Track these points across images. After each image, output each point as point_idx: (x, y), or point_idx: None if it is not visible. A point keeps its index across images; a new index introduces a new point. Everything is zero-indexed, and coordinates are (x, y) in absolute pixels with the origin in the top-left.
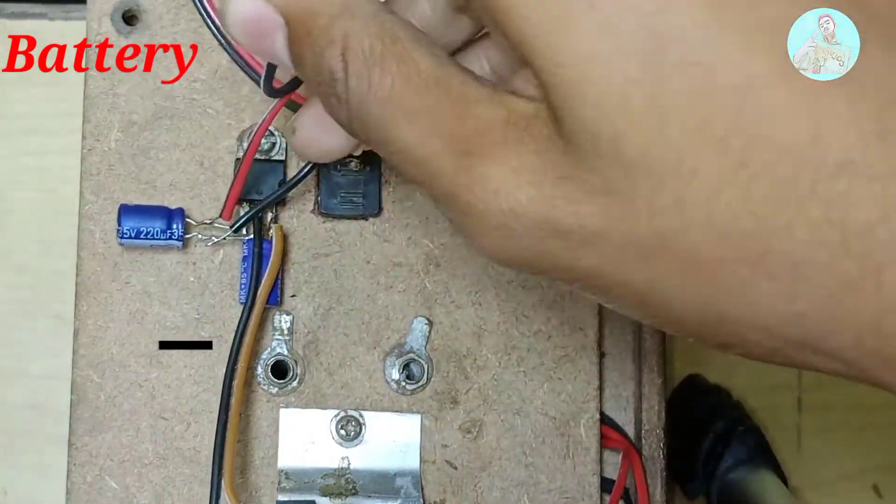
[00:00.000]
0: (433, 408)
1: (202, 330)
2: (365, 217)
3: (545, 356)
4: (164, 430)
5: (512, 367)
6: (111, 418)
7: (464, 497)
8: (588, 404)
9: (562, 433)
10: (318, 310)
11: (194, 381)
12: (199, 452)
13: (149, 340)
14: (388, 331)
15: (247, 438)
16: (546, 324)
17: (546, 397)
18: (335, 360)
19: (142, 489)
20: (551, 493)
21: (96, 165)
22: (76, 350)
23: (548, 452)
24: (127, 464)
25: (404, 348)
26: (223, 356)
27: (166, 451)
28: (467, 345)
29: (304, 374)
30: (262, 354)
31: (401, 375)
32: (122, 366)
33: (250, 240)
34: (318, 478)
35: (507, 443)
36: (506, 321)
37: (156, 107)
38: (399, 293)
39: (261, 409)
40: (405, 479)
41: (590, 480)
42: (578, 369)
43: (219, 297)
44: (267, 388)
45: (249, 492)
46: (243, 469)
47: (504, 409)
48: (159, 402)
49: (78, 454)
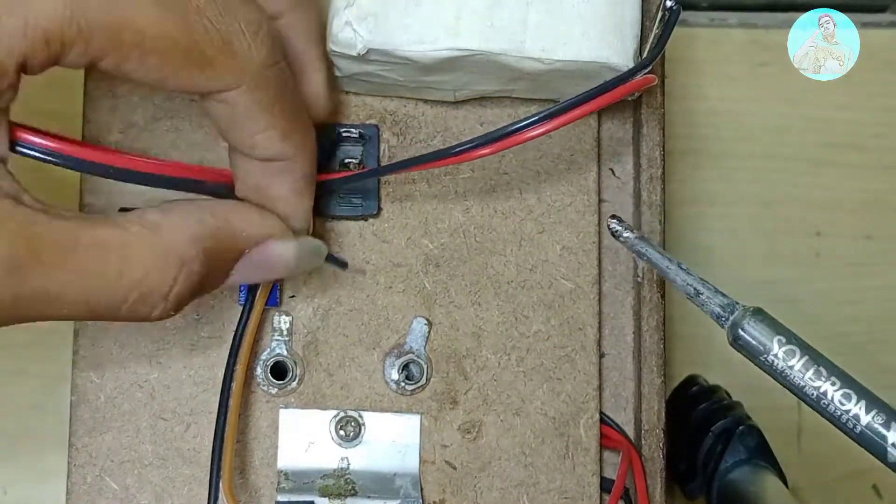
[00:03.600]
0: (432, 408)
1: (202, 330)
2: (364, 218)
3: (545, 356)
4: (164, 430)
5: (511, 368)
6: (111, 419)
7: (463, 497)
8: (588, 404)
9: (561, 433)
10: (318, 310)
11: (194, 381)
12: (198, 453)
13: (149, 341)
14: (387, 331)
15: (246, 439)
16: (546, 324)
17: (545, 397)
18: (334, 361)
19: (141, 489)
20: (551, 494)
21: None
22: (76, 350)
23: (547, 452)
24: (127, 464)
25: (404, 349)
26: (223, 356)
27: (166, 451)
28: (467, 345)
29: (303, 375)
30: (261, 355)
31: (400, 376)
32: (122, 366)
33: None
34: (317, 478)
35: (507, 443)
36: (505, 321)
37: (155, 108)
38: (398, 293)
39: (260, 410)
40: (404, 480)
41: (589, 480)
42: (578, 369)
43: (218, 298)
44: (266, 388)
45: (249, 492)
46: (243, 469)
47: (503, 409)
48: (159, 403)
49: (78, 454)
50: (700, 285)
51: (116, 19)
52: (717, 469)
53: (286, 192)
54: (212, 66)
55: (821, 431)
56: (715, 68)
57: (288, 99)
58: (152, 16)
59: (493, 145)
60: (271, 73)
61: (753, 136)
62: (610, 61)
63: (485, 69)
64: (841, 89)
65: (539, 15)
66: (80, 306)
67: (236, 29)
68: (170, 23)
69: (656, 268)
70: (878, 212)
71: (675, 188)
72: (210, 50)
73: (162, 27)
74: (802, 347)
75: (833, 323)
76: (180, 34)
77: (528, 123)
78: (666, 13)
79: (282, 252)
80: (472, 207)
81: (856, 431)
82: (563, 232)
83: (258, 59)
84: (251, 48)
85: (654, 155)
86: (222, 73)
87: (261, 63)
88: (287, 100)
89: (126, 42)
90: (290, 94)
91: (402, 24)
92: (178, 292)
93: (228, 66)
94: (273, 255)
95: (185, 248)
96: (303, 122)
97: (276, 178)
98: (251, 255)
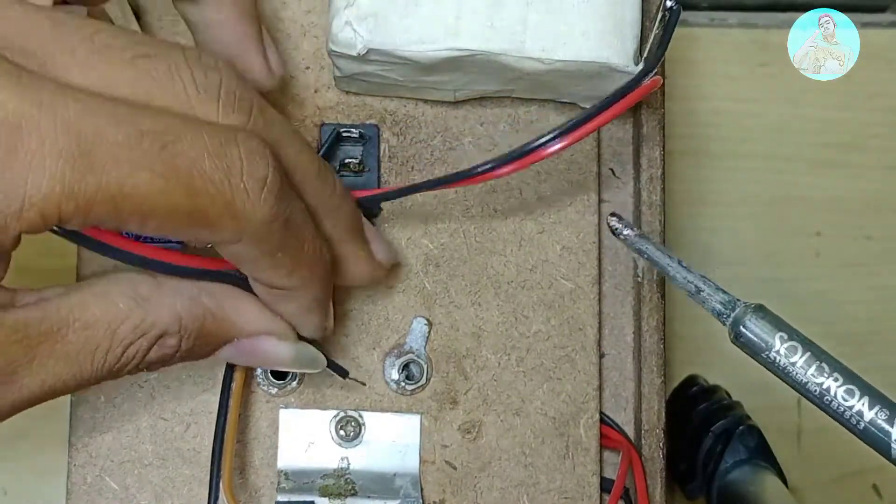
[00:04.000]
0: (432, 408)
1: None
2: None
3: (545, 356)
4: (164, 430)
5: (511, 368)
6: (111, 418)
7: (463, 497)
8: (588, 404)
9: (561, 433)
10: None
11: (194, 381)
12: (198, 453)
13: None
14: (387, 331)
15: (246, 439)
16: (546, 324)
17: (545, 397)
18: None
19: (142, 489)
20: (551, 494)
21: None
22: None
23: (547, 452)
24: (127, 464)
25: (404, 348)
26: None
27: (166, 451)
28: (467, 345)
29: (303, 375)
30: None
31: (400, 376)
32: None
33: None
34: (317, 478)
35: (507, 443)
36: (505, 321)
37: None
38: (399, 293)
39: (260, 410)
40: (405, 480)
41: (589, 480)
42: (578, 369)
43: None
44: (266, 388)
45: (249, 492)
46: (243, 469)
47: (503, 409)
48: (159, 403)
49: (78, 454)
50: (701, 282)
51: (116, 194)
52: (717, 469)
53: (293, 311)
54: (213, 226)
55: (821, 431)
56: (715, 68)
57: (294, 242)
58: (155, 187)
59: (513, 164)
60: (276, 227)
61: (753, 136)
62: (610, 61)
63: (485, 69)
64: (841, 89)
65: (539, 15)
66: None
67: (240, 189)
68: (172, 192)
69: (656, 265)
70: (878, 212)
71: (675, 188)
72: (212, 213)
73: (164, 199)
74: (805, 344)
75: (833, 323)
76: (181, 201)
77: (546, 140)
78: (666, 13)
79: (275, 351)
80: (472, 207)
81: (859, 428)
82: (563, 232)
83: (260, 216)
84: (254, 207)
85: (654, 155)
86: (222, 231)
87: (263, 221)
88: (294, 243)
89: (126, 211)
90: (296, 236)
91: (402, 25)
92: (150, 360)
93: (229, 226)
94: (264, 351)
95: (171, 324)
96: (311, 254)
97: (281, 302)
98: (240, 343)
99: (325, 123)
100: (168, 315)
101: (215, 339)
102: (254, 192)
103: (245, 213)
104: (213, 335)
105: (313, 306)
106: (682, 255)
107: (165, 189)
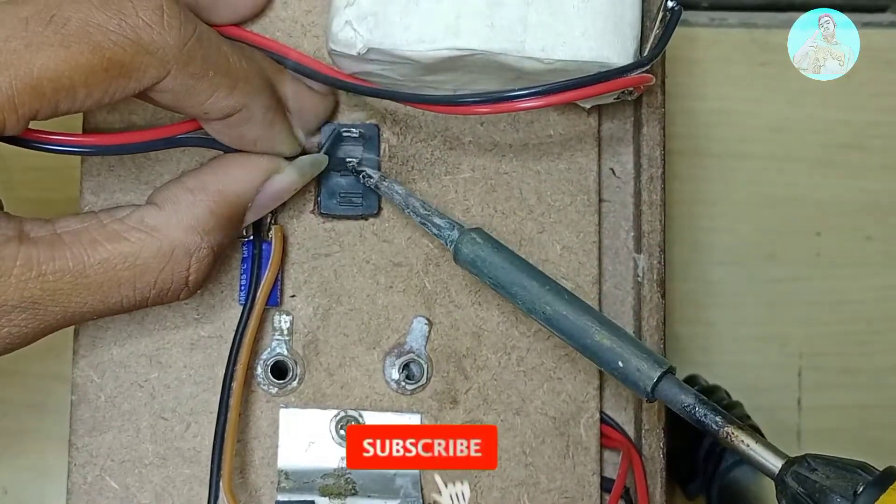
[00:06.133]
0: (433, 408)
1: (202, 330)
2: (364, 217)
3: (545, 356)
4: (164, 430)
5: (512, 367)
6: (111, 418)
7: None
8: (588, 404)
9: (562, 433)
10: (318, 310)
11: (194, 381)
12: (199, 452)
13: (149, 341)
14: (387, 331)
15: (246, 438)
16: None
17: (546, 397)
18: (335, 360)
19: (142, 489)
20: (551, 493)
21: (96, 166)
22: (76, 350)
23: (547, 452)
24: (127, 464)
25: (404, 348)
26: (223, 356)
27: (166, 451)
28: (467, 345)
29: (303, 375)
30: (261, 354)
31: (400, 375)
32: (122, 366)
33: (250, 241)
34: (317, 478)
35: (507, 443)
36: (506, 321)
37: (155, 108)
38: (399, 293)
39: (260, 410)
40: (404, 479)
41: (590, 480)
42: (578, 369)
43: (218, 298)
44: (267, 388)
45: (249, 492)
46: (243, 469)
47: (504, 408)
48: (159, 402)
49: (78, 454)
50: (427, 209)
51: (30, 81)
52: (717, 469)
53: (259, 132)
54: (134, 69)
55: (821, 431)
56: (715, 68)
57: (218, 56)
58: (61, 59)
59: (490, 105)
60: (191, 46)
61: (753, 136)
62: (610, 61)
63: (485, 69)
64: (841, 89)
65: (539, 14)
66: (104, 313)
67: (140, 24)
68: (79, 56)
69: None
70: (878, 212)
71: (675, 188)
72: (125, 57)
73: (75, 65)
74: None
75: (833, 323)
76: (92, 59)
77: (523, 94)
78: (667, 14)
79: (283, 183)
80: (472, 207)
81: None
82: (563, 232)
83: (172, 42)
84: (162, 35)
85: (654, 154)
86: (146, 71)
87: (176, 45)
88: (218, 58)
89: (48, 91)
90: (216, 50)
91: (402, 24)
92: (196, 278)
93: (148, 62)
94: (276, 190)
95: (189, 240)
96: (241, 65)
97: (243, 127)
98: (256, 201)
99: (325, 123)
100: (184, 231)
101: (236, 216)
102: (155, 23)
103: (157, 44)
104: (233, 214)
105: (273, 119)
106: (681, 254)
107: (71, 56)
